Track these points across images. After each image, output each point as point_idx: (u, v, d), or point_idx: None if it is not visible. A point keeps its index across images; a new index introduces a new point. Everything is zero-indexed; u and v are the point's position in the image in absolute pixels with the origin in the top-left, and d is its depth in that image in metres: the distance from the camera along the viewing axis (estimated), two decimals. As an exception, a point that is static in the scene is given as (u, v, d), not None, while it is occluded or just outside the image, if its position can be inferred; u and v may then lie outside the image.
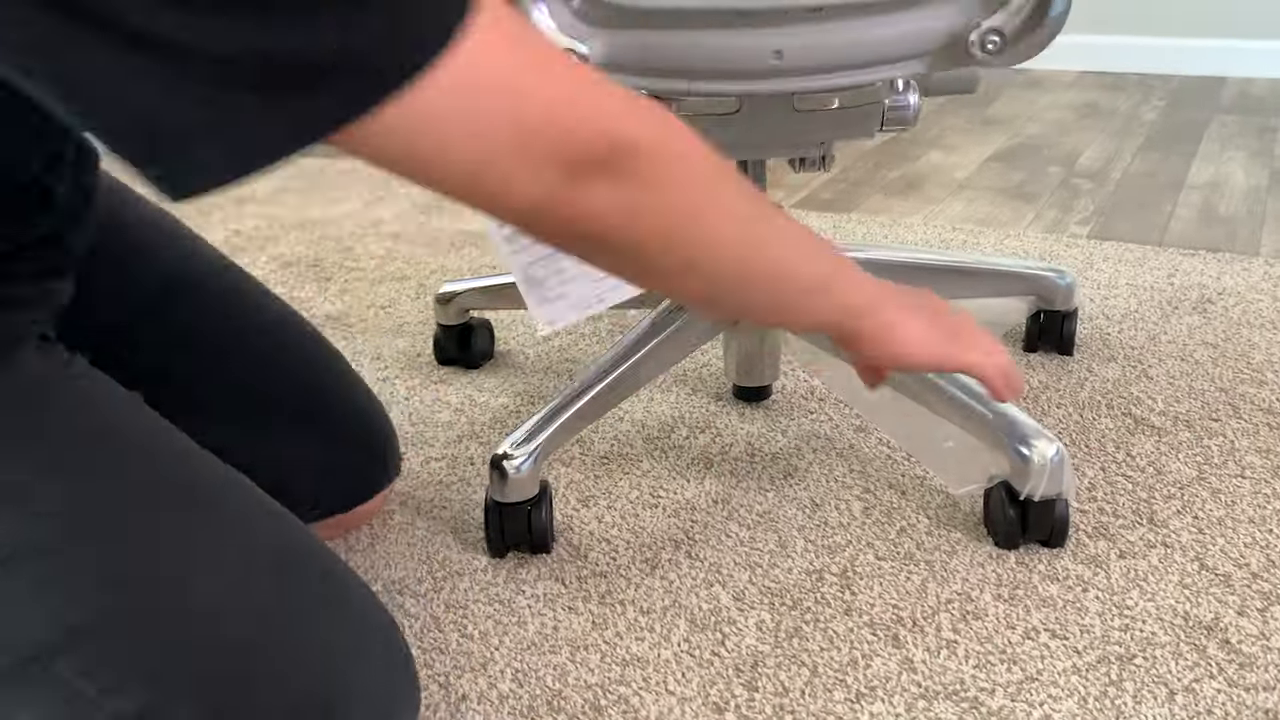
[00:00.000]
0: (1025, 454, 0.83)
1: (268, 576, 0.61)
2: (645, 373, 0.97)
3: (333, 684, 0.60)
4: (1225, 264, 1.40)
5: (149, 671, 0.56)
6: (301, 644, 0.60)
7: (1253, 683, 0.72)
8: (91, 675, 0.56)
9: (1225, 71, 2.49)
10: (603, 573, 0.86)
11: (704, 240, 0.52)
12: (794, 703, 0.72)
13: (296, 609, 0.61)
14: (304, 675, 0.59)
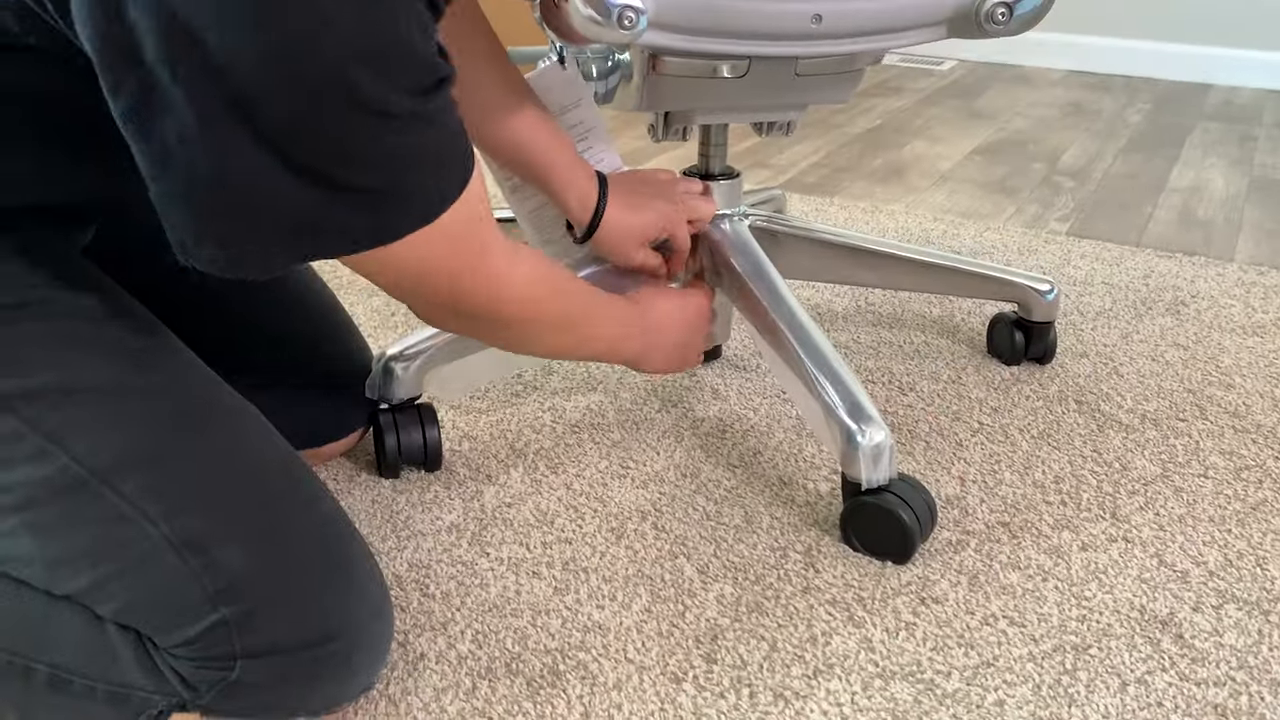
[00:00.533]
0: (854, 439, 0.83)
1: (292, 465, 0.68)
2: None
3: (352, 560, 0.66)
4: (1200, 268, 1.41)
5: (206, 501, 0.62)
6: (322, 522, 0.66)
7: (1203, 678, 0.73)
8: (154, 495, 0.61)
9: (1211, 79, 2.51)
10: (568, 539, 0.86)
11: (535, 350, 0.78)
12: (752, 676, 0.72)
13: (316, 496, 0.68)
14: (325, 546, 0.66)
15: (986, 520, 0.89)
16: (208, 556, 0.61)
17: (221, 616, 0.61)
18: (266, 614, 0.62)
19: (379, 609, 0.67)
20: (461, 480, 0.94)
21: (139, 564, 0.61)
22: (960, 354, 1.17)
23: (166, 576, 0.61)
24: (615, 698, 0.70)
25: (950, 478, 0.95)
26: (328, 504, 0.68)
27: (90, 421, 0.62)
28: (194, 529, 0.61)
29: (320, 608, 0.64)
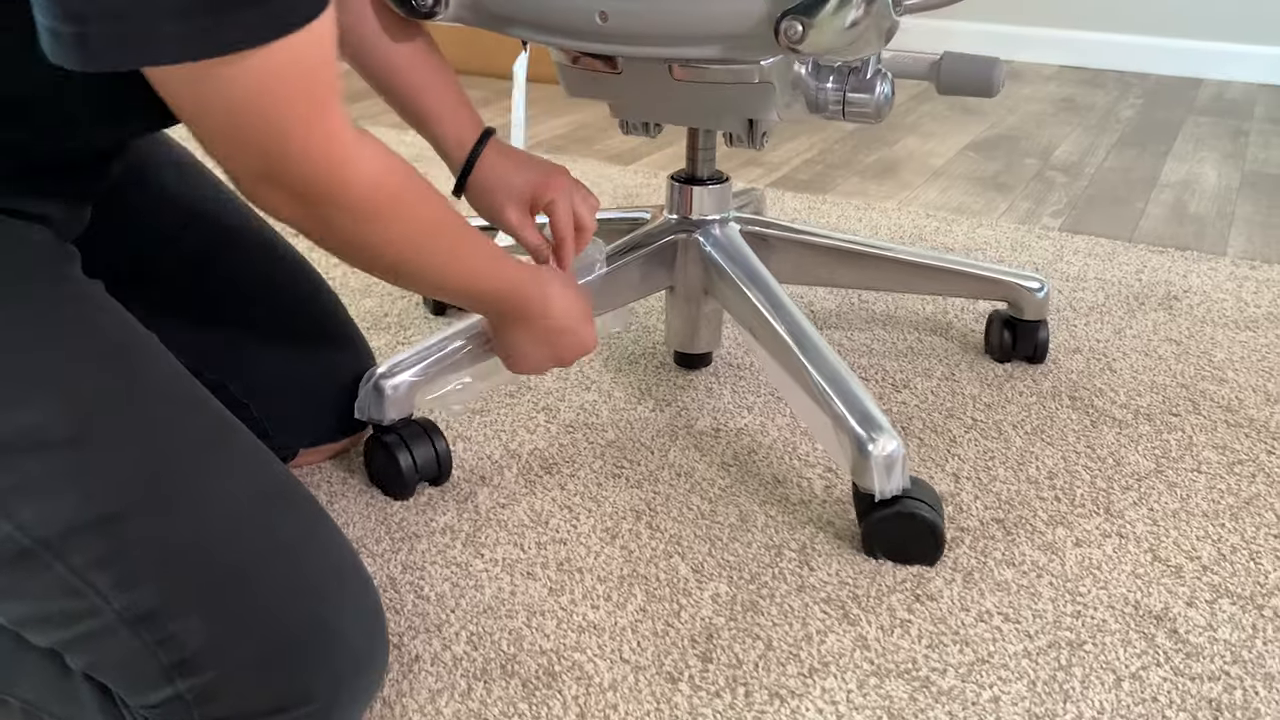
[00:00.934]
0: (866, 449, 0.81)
1: (273, 507, 0.64)
2: None
3: (327, 615, 0.62)
4: (1193, 262, 1.41)
5: (163, 571, 0.58)
6: (297, 576, 0.62)
7: (1198, 672, 0.73)
8: (105, 566, 0.57)
9: (1202, 73, 2.51)
10: (562, 540, 0.86)
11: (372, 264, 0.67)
12: (748, 675, 0.72)
13: (294, 543, 0.63)
14: (300, 603, 0.61)
15: (981, 517, 0.89)
16: (164, 631, 0.58)
17: (177, 691, 0.58)
18: (228, 686, 0.59)
19: (366, 659, 0.63)
20: (455, 481, 0.94)
21: (93, 636, 0.58)
22: (953, 351, 1.17)
23: (121, 650, 0.58)
24: (611, 698, 0.70)
25: (944, 474, 0.95)
26: (309, 549, 0.63)
27: (39, 482, 0.57)
28: (147, 602, 0.57)
29: (291, 673, 0.60)
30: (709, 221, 1.01)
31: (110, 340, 0.64)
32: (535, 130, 2.02)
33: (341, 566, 0.65)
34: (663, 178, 1.75)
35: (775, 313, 0.92)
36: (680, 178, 1.03)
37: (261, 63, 0.51)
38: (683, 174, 1.03)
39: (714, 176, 1.02)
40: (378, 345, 1.18)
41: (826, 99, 0.89)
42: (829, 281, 1.16)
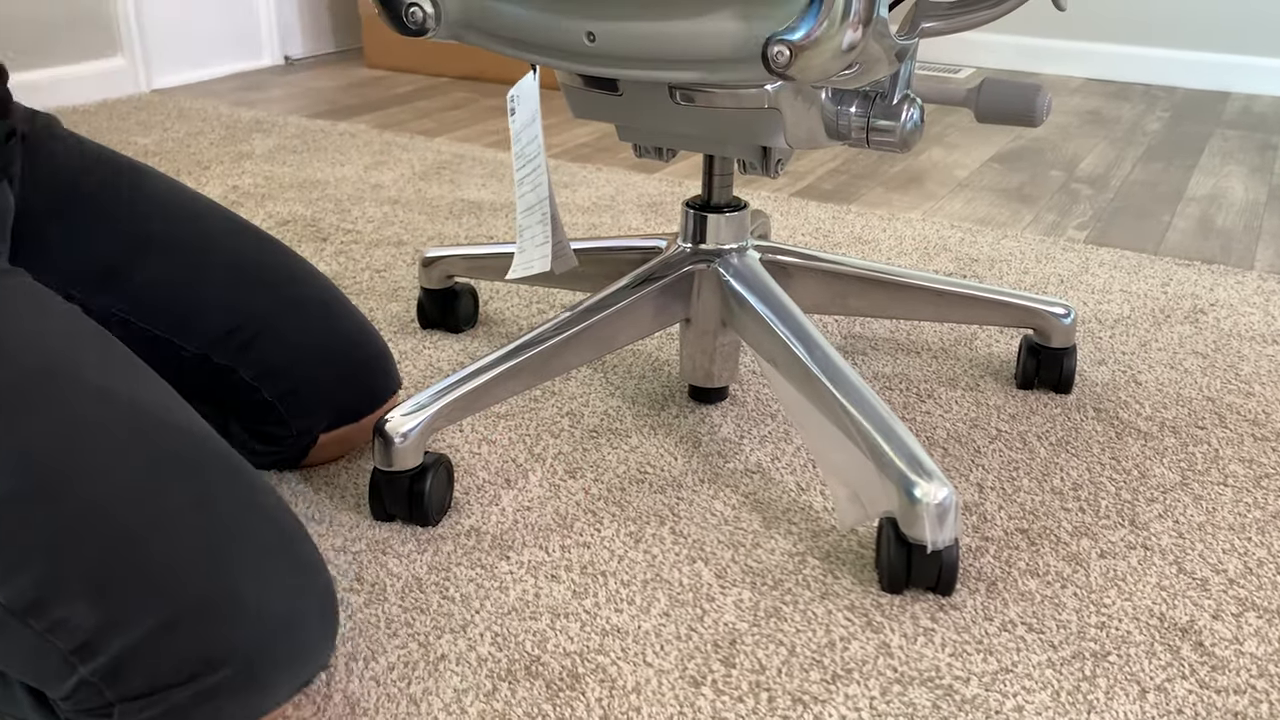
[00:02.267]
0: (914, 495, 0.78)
1: (164, 472, 0.62)
2: (560, 363, 0.94)
3: (227, 579, 0.60)
4: (1219, 276, 1.41)
5: (40, 558, 0.57)
6: (193, 539, 0.60)
7: (1224, 685, 0.73)
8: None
9: (1229, 87, 2.50)
10: (586, 543, 0.86)
11: None
12: (770, 680, 0.73)
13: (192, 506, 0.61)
14: (195, 569, 0.59)
15: (1005, 527, 0.89)
16: (52, 617, 0.57)
17: (82, 676, 0.58)
18: (133, 661, 0.57)
19: (289, 619, 0.62)
20: (480, 484, 0.94)
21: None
22: (978, 361, 1.17)
23: (20, 643, 0.58)
24: (634, 701, 0.71)
25: (969, 484, 0.95)
26: (218, 506, 0.62)
27: None
28: (31, 591, 0.57)
29: (195, 640, 0.58)
30: (727, 251, 0.98)
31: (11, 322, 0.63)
32: (559, 139, 2.03)
33: (249, 527, 0.63)
34: (687, 186, 1.75)
35: (803, 346, 0.89)
36: (695, 204, 0.99)
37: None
38: (698, 200, 1.00)
39: (731, 203, 0.99)
40: (404, 349, 1.19)
41: (850, 125, 0.85)
42: (853, 311, 1.12)
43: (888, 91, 0.85)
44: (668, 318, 1.00)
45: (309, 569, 0.64)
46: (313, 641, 0.64)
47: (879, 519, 0.82)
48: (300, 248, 1.47)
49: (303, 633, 0.63)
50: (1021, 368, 1.11)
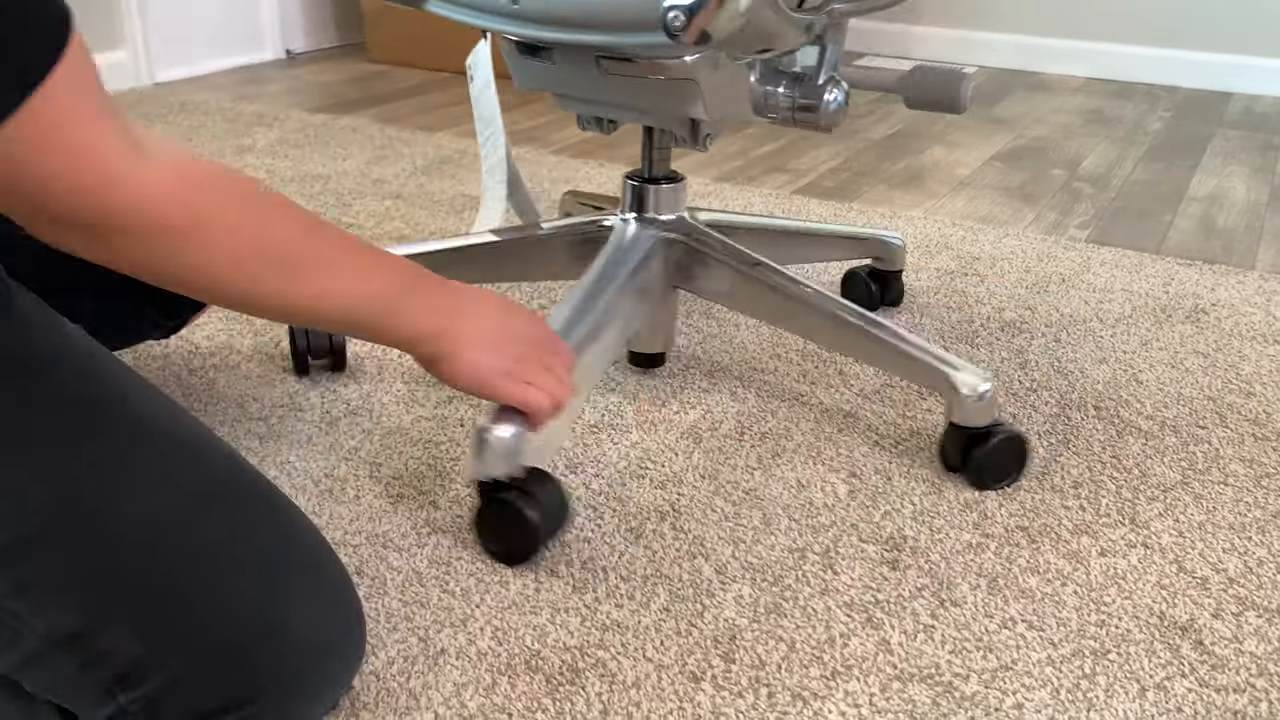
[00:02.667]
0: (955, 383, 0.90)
1: (203, 506, 0.61)
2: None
3: (266, 610, 0.60)
4: (1220, 276, 1.41)
5: (85, 590, 0.56)
6: (233, 576, 0.60)
7: (1223, 684, 0.73)
8: (23, 592, 0.56)
9: (1232, 87, 2.50)
10: (586, 538, 0.86)
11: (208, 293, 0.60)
12: (770, 676, 0.73)
13: (229, 540, 0.61)
14: (233, 602, 0.59)
15: (1005, 524, 0.89)
16: (95, 648, 0.56)
17: (121, 705, 0.57)
18: (171, 693, 0.57)
19: (324, 650, 0.62)
20: (481, 479, 0.94)
21: (29, 663, 0.57)
22: (979, 358, 1.17)
23: (58, 673, 0.57)
24: (634, 696, 0.71)
25: (967, 483, 0.94)
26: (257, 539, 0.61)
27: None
28: (74, 622, 0.56)
29: (234, 674, 0.58)
30: (668, 219, 1.04)
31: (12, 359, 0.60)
32: (561, 135, 2.03)
33: (287, 558, 0.62)
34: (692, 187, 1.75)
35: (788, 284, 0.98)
36: (636, 177, 1.03)
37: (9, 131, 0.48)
38: (638, 173, 1.04)
39: (668, 176, 1.04)
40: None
41: (777, 103, 0.89)
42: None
43: (813, 73, 0.89)
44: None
45: (341, 595, 0.64)
46: (344, 667, 0.64)
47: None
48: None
49: (335, 660, 0.63)
50: (868, 292, 1.27)
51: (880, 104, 2.33)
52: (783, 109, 0.89)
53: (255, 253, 0.59)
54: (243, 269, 0.59)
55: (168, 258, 0.56)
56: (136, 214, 0.53)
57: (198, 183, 0.56)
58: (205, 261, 0.57)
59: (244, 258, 0.59)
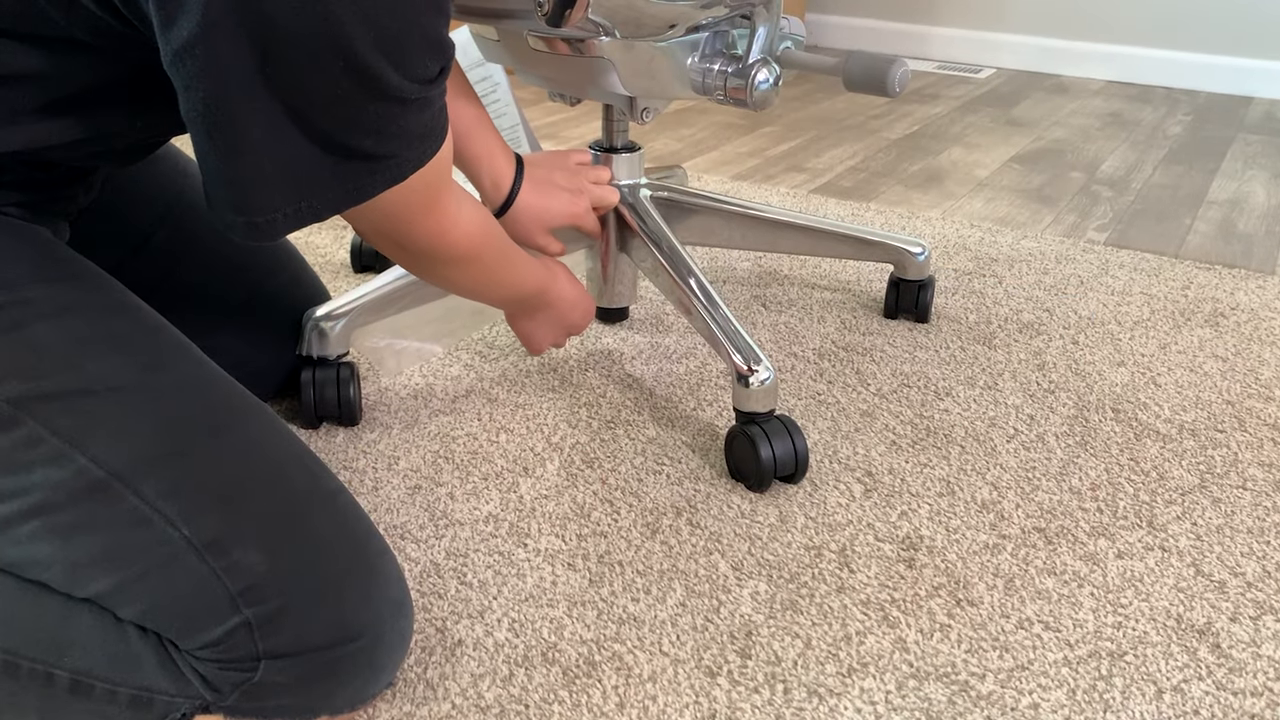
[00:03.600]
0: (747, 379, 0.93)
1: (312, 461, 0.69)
2: None
3: (373, 556, 0.66)
4: (1240, 280, 1.40)
5: (226, 502, 0.62)
6: (342, 520, 0.66)
7: (1240, 687, 0.73)
8: (173, 496, 0.61)
9: (1253, 91, 2.49)
10: (603, 533, 0.87)
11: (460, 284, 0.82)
12: (786, 672, 0.73)
13: (335, 493, 0.68)
14: (346, 543, 0.65)
15: (1022, 525, 0.89)
16: (229, 558, 0.61)
17: (244, 619, 0.60)
18: (289, 615, 0.61)
19: (401, 605, 0.67)
20: (499, 471, 0.95)
21: (160, 567, 0.61)
22: (997, 360, 1.17)
23: (188, 579, 0.61)
24: (650, 689, 0.71)
25: (985, 482, 0.94)
26: (345, 499, 0.68)
27: (107, 423, 0.62)
28: (214, 530, 0.61)
29: (344, 607, 0.63)
30: (623, 186, 1.09)
31: (149, 319, 0.70)
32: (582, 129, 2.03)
33: (370, 524, 0.69)
34: (702, 182, 1.75)
35: (675, 266, 1.02)
36: (598, 147, 1.10)
37: (396, 193, 0.64)
38: (599, 144, 1.11)
39: (627, 146, 1.10)
40: (423, 337, 1.19)
41: (713, 83, 0.94)
42: (737, 244, 1.23)
43: (744, 54, 0.93)
44: (575, 242, 1.11)
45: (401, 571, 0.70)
46: (409, 631, 0.68)
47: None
48: (321, 234, 1.47)
49: (406, 620, 0.68)
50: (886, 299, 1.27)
51: (898, 105, 2.33)
52: (716, 88, 0.93)
53: (496, 265, 0.82)
54: (478, 274, 0.81)
55: (456, 274, 0.79)
56: (454, 249, 0.74)
57: (485, 230, 0.77)
58: (473, 274, 0.80)
59: (489, 275, 0.82)
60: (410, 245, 0.72)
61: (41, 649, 0.63)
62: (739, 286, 1.35)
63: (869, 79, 0.95)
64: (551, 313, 0.96)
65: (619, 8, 0.83)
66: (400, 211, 0.67)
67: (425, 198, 0.68)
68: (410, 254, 0.74)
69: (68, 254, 0.69)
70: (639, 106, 1.00)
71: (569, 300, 0.96)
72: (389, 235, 0.70)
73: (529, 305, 0.93)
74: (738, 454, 0.93)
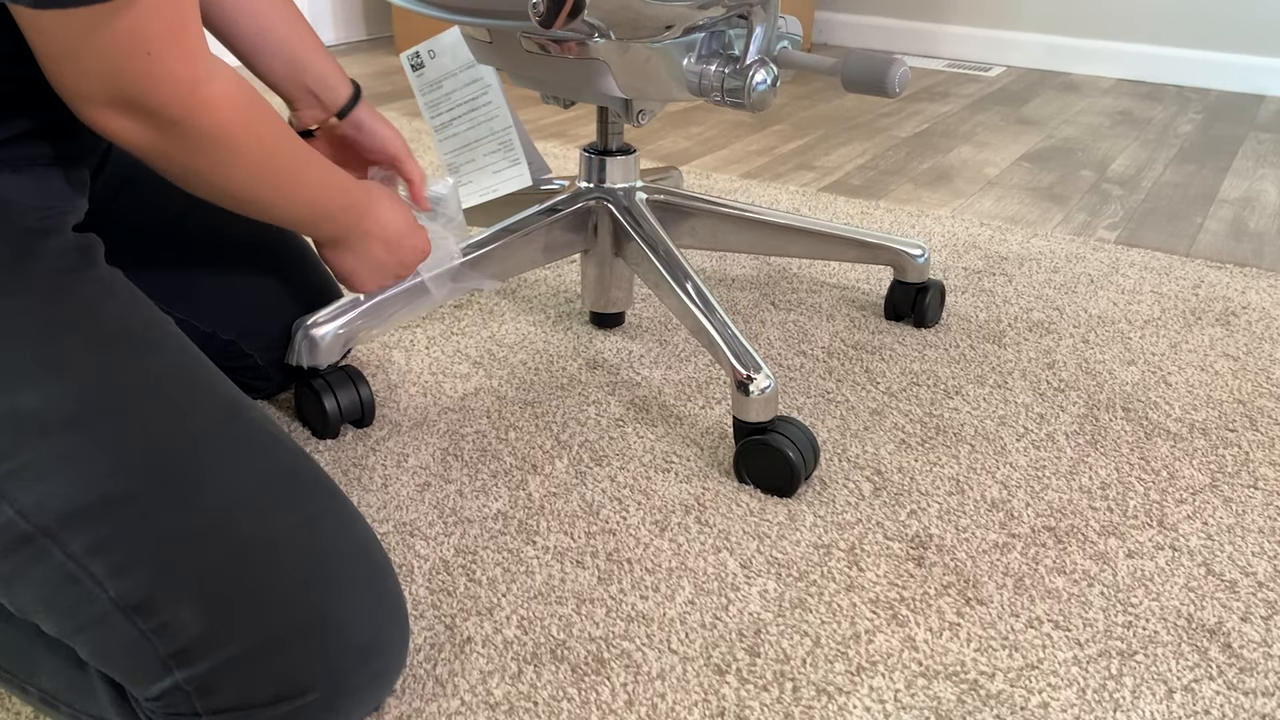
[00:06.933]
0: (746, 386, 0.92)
1: (274, 493, 0.62)
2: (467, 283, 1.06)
3: (328, 604, 0.61)
4: (1252, 279, 1.39)
5: (158, 558, 0.57)
6: (298, 563, 0.61)
7: (1252, 687, 0.72)
8: (101, 553, 0.57)
9: (1264, 89, 2.48)
10: (612, 530, 0.87)
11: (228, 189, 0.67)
12: (795, 670, 0.73)
13: (297, 528, 0.62)
14: (297, 592, 0.60)
15: (1032, 524, 0.88)
16: (158, 619, 0.57)
17: (175, 681, 0.58)
18: (227, 675, 0.58)
19: (373, 647, 0.62)
20: (508, 469, 0.95)
21: (91, 625, 0.58)
22: (1007, 359, 1.17)
23: (118, 639, 0.58)
24: (659, 687, 0.71)
25: (994, 481, 0.94)
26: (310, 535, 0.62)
27: (39, 467, 0.57)
28: (143, 589, 0.57)
29: (289, 663, 0.59)
30: (618, 189, 1.10)
31: (114, 327, 0.63)
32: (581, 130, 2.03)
33: (348, 553, 0.63)
34: (710, 180, 1.75)
35: (670, 268, 1.01)
36: (592, 150, 1.11)
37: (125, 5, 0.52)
38: (594, 146, 1.11)
39: (622, 149, 1.11)
40: (432, 334, 1.19)
41: (710, 84, 0.93)
42: (734, 247, 1.22)
43: (741, 54, 0.93)
44: (569, 248, 1.12)
45: (391, 593, 0.65)
46: (391, 667, 0.64)
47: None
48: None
49: (382, 661, 0.63)
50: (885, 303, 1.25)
51: (907, 103, 2.33)
52: (714, 89, 0.92)
53: (277, 154, 0.67)
54: (260, 177, 0.67)
55: (220, 158, 0.63)
56: (215, 112, 0.60)
57: (250, 100, 0.63)
58: (246, 162, 0.65)
59: (266, 167, 0.67)
60: (152, 101, 0.57)
61: (15, 664, 0.65)
62: (747, 284, 1.34)
63: (868, 79, 0.94)
64: (374, 244, 0.83)
65: (615, 9, 0.82)
66: (136, 26, 0.53)
67: (161, 13, 0.54)
68: (157, 126, 0.59)
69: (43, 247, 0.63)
70: (634, 109, 1.00)
71: (396, 229, 0.83)
72: (113, 80, 0.55)
73: (344, 231, 0.80)
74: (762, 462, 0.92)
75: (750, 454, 0.92)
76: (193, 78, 0.58)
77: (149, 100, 0.57)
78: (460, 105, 1.10)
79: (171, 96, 0.57)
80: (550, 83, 0.98)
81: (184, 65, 0.57)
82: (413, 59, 1.12)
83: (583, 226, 1.11)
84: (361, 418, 0.99)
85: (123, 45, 0.54)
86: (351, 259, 0.84)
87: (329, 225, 0.79)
